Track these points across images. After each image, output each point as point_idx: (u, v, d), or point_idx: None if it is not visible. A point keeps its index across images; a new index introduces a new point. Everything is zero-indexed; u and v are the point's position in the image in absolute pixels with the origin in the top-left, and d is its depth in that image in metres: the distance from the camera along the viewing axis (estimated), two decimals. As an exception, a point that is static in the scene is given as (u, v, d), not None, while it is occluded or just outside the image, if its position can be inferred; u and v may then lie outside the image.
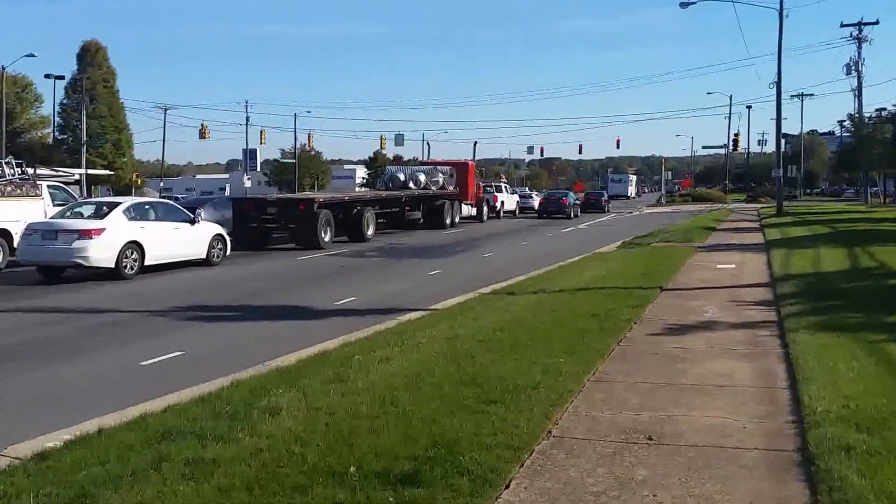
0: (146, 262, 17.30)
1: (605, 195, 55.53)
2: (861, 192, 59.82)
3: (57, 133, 61.86)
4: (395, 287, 15.33)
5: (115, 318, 11.87)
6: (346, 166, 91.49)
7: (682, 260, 17.17)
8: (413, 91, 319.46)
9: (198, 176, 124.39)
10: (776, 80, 40.68)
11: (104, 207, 17.97)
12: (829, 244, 19.80)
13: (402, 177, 32.63)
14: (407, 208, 30.75)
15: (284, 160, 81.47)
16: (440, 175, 33.52)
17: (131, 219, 17.60)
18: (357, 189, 57.51)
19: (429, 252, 22.76)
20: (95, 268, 16.50)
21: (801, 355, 7.80)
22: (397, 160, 74.35)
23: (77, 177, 31.67)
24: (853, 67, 47.35)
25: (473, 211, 37.50)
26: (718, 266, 16.10)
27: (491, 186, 43.41)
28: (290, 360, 8.76)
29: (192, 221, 18.95)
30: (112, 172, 49.57)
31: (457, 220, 34.30)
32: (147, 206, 18.92)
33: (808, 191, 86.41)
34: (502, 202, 42.89)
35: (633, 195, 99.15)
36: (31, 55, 46.75)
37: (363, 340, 9.55)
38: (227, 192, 75.37)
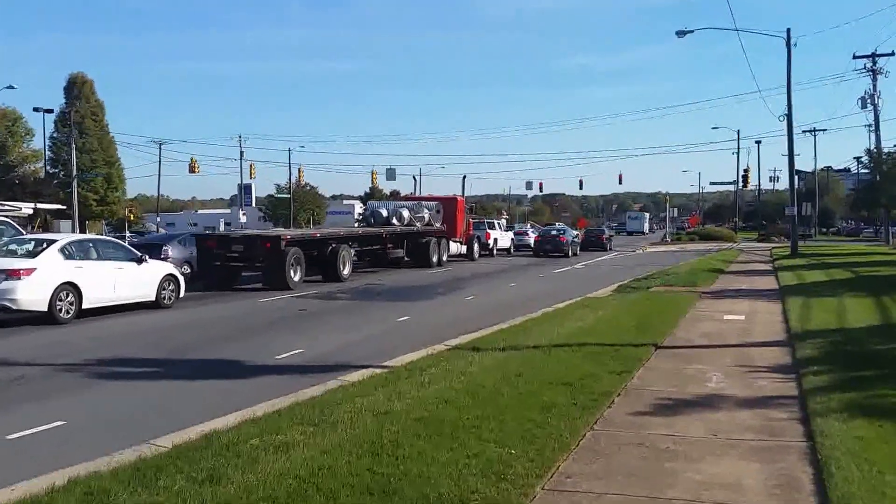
0: (84, 306, 15.65)
1: (607, 232, 53.34)
2: (881, 231, 57.72)
3: (48, 167, 60.59)
4: (353, 336, 13.32)
5: (22, 371, 10.50)
6: (345, 201, 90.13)
7: (684, 309, 15.10)
8: (409, 127, 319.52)
9: (200, 211, 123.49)
10: (786, 112, 38.72)
11: (40, 245, 16.18)
12: (852, 292, 17.60)
13: (384, 212, 30.71)
14: (389, 246, 28.81)
15: (280, 195, 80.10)
16: (425, 211, 31.60)
17: (68, 257, 15.86)
18: (355, 225, 55.73)
19: (405, 294, 20.77)
20: (26, 311, 15.00)
21: (834, 456, 5.75)
22: (394, 195, 72.73)
23: (29, 211, 29.90)
24: (868, 101, 45.41)
25: (463, 249, 35.49)
26: (725, 317, 14.02)
27: (483, 223, 41.42)
28: (173, 440, 6.94)
29: (140, 260, 17.22)
30: (64, 207, 48.38)
31: (444, 258, 32.29)
32: (88, 244, 17.14)
33: (824, 230, 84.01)
34: (495, 239, 40.81)
35: (647, 231, 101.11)
36: (11, 87, 45.60)
37: (274, 415, 7.58)
38: (221, 228, 73.98)
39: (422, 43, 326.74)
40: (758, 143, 78.85)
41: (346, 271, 24.43)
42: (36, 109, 53.99)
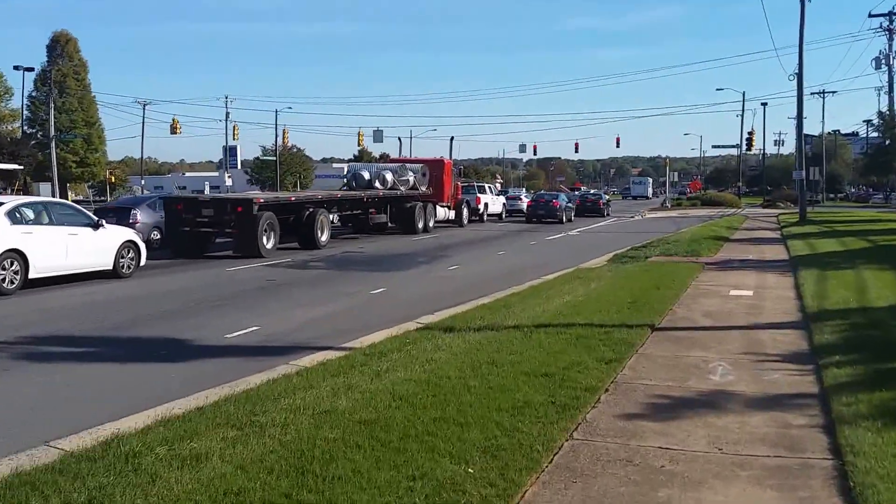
0: (31, 275, 14.34)
1: (604, 197, 51.81)
2: (892, 197, 56.21)
3: (26, 127, 58.53)
4: (318, 311, 12.06)
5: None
6: (335, 164, 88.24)
7: (685, 282, 13.82)
8: (400, 90, 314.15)
9: (188, 174, 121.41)
10: (797, 70, 37.07)
11: (-18, 210, 14.82)
12: (870, 264, 16.24)
13: (366, 175, 29.27)
14: (371, 211, 27.45)
15: (266, 157, 78.22)
16: (410, 174, 30.13)
17: (15, 222, 14.54)
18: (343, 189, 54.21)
19: (384, 263, 19.48)
20: (-36, 282, 13.74)
21: (869, 482, 4.54)
22: (384, 158, 70.85)
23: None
24: (883, 62, 43.74)
25: (451, 214, 34.07)
26: (731, 292, 12.74)
27: (473, 187, 39.96)
28: (75, 443, 5.74)
29: (96, 226, 15.87)
30: (21, 167, 46.79)
31: (431, 224, 30.91)
32: (40, 207, 15.75)
33: (831, 195, 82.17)
34: (486, 204, 39.37)
35: (651, 195, 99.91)
36: None
37: (195, 413, 6.36)
38: (207, 192, 72.26)
39: (419, 5, 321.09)
40: (764, 104, 78.05)
41: (324, 238, 23.12)
42: (16, 67, 52.14)
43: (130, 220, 21.62)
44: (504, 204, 43.24)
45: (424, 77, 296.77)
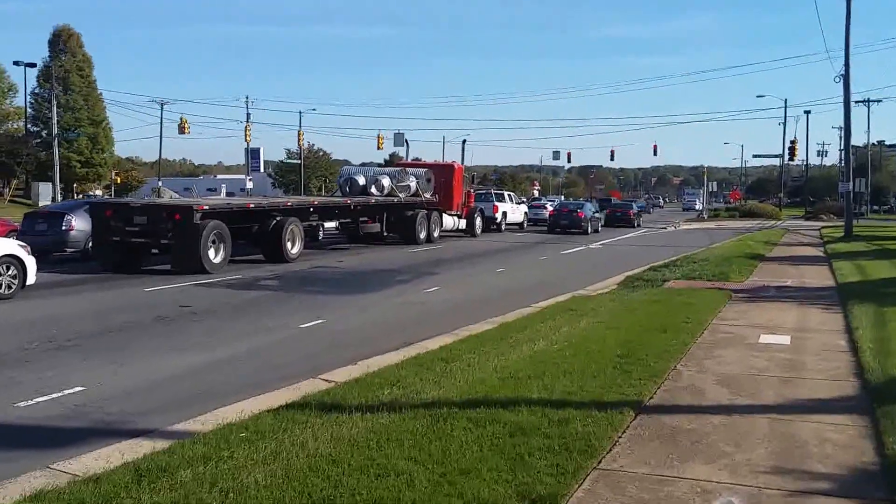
0: None
1: (635, 207, 48.01)
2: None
3: (30, 125, 56.03)
4: (202, 358, 8.97)
5: None
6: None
7: (702, 320, 10.50)
8: (431, 94, 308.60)
9: (220, 176, 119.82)
10: (843, 72, 33.30)
11: None
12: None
13: (361, 180, 26.27)
14: (362, 219, 24.39)
15: (290, 160, 75.94)
16: (412, 179, 27.00)
17: None
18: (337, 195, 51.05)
19: (352, 283, 16.43)
20: None
21: None
22: (416, 163, 67.71)
23: None
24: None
25: (461, 223, 30.85)
26: (761, 338, 9.41)
27: (491, 194, 36.70)
28: None
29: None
30: None
31: (435, 234, 27.75)
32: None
33: (875, 207, 77.48)
34: (504, 213, 36.02)
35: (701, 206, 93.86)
36: None
37: None
38: (223, 194, 69.84)
39: (450, 10, 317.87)
40: (807, 112, 72.80)
41: (295, 250, 20.13)
42: (16, 63, 49.91)
43: (64, 227, 18.86)
44: (525, 213, 39.82)
45: (454, 82, 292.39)
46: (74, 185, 56.43)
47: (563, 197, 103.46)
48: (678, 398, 6.64)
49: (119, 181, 60.39)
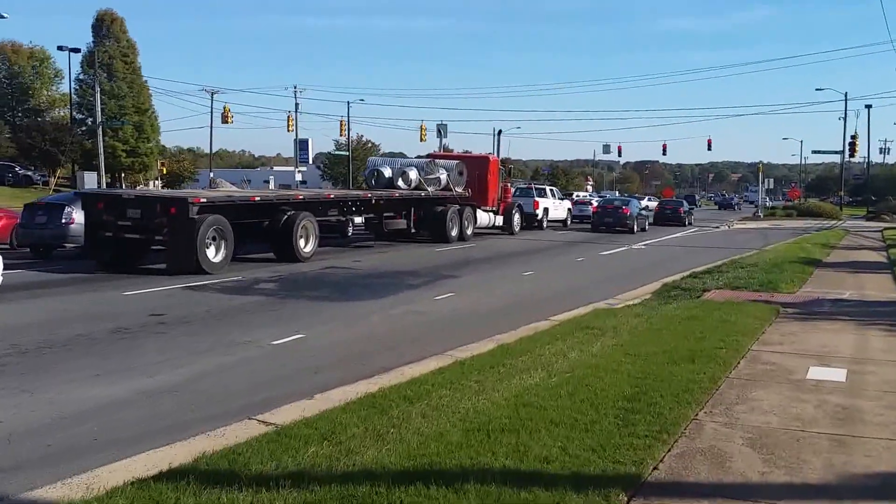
0: None
1: (686, 205, 45.66)
2: None
3: (76, 112, 55.69)
4: (123, 388, 7.51)
5: None
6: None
7: (740, 345, 8.81)
8: (484, 85, 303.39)
9: (276, 168, 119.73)
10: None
11: None
12: None
13: (387, 172, 24.86)
14: (387, 215, 22.98)
15: (338, 152, 75.08)
16: (442, 172, 25.47)
17: None
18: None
19: (360, 287, 15.05)
20: None
21: None
22: (447, 154, 65.89)
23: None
24: None
25: (498, 220, 29.23)
26: (810, 372, 7.70)
27: (532, 189, 34.96)
28: None
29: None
30: (11, 164, 44.29)
31: (468, 231, 26.21)
32: None
33: (938, 206, 73.23)
34: (545, 209, 34.26)
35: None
36: (2, 16, 40.05)
37: None
38: (272, 186, 69.17)
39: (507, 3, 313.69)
40: (868, 107, 69.31)
41: (309, 248, 18.83)
42: (60, 48, 49.28)
43: (64, 220, 17.78)
44: (569, 209, 37.95)
45: (507, 75, 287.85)
46: (122, 174, 56.09)
47: (616, 193, 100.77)
48: (691, 471, 5.04)
49: (165, 171, 59.88)
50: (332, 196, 20.89)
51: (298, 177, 71.61)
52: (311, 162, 78.22)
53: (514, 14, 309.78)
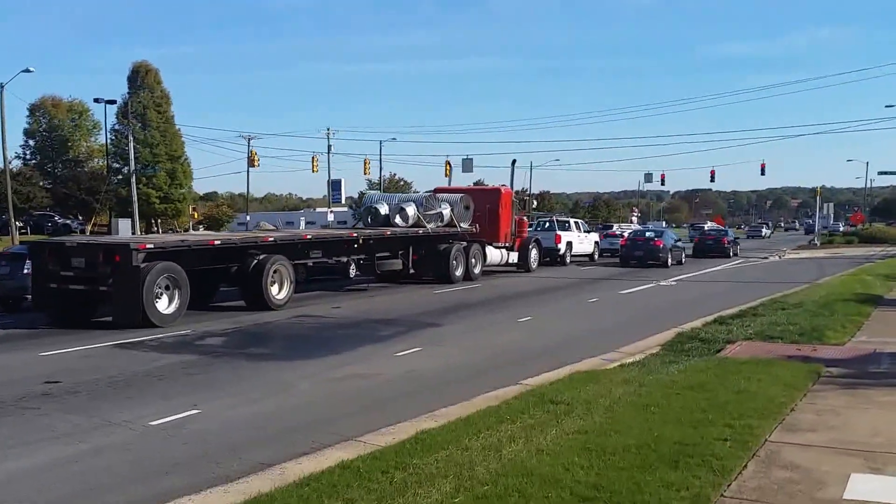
0: None
1: (730, 234, 42.31)
2: None
3: (112, 162, 56.80)
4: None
5: None
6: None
7: (753, 433, 6.24)
8: (518, 119, 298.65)
9: (318, 209, 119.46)
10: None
11: None
12: None
13: (382, 209, 22.66)
14: (380, 255, 20.73)
15: (371, 192, 73.71)
16: (445, 207, 23.14)
17: None
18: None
19: (317, 342, 12.79)
20: None
21: None
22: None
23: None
24: None
25: (513, 256, 26.67)
26: (848, 491, 5.09)
27: (553, 222, 32.35)
28: None
29: None
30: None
31: (476, 270, 23.76)
32: None
33: None
34: (569, 244, 31.51)
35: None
36: (28, 70, 40.98)
37: None
38: (302, 226, 67.87)
39: (551, 38, 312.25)
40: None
41: (282, 294, 16.69)
42: (97, 100, 50.12)
43: (25, 270, 16.19)
44: (597, 242, 35.09)
45: (539, 106, 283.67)
46: (158, 220, 56.67)
47: (664, 223, 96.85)
48: None
49: (196, 216, 59.98)
50: (309, 237, 18.71)
51: (331, 217, 70.24)
52: (342, 202, 76.93)
53: (546, 50, 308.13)
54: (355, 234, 19.97)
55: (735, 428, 6.33)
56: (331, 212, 71.82)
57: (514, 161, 40.48)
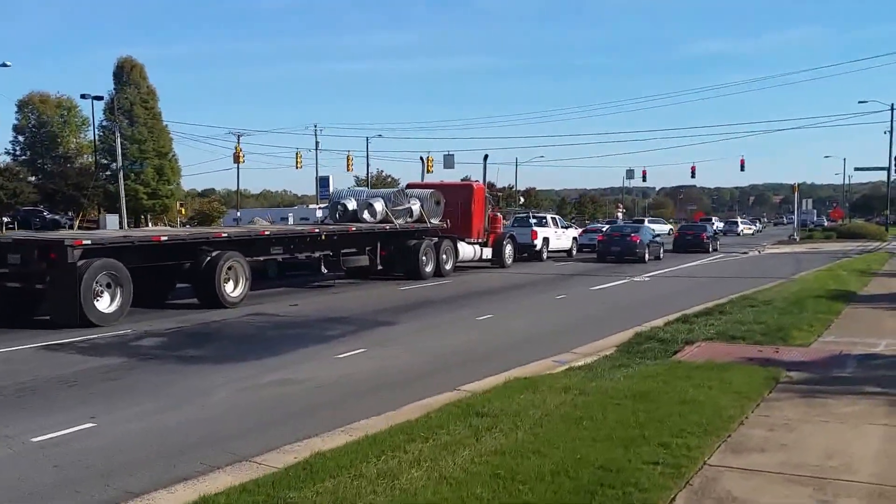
0: None
1: (709, 230, 41.76)
2: None
3: (100, 158, 56.34)
4: None
5: None
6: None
7: (689, 460, 5.59)
8: (501, 113, 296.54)
9: (312, 206, 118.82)
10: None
11: None
12: None
13: (350, 205, 22.09)
14: (346, 251, 20.01)
15: (357, 188, 73.18)
16: (415, 202, 22.49)
17: None
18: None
19: (259, 342, 12.12)
20: None
21: None
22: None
23: None
24: None
25: (486, 252, 26.00)
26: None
27: (528, 218, 31.70)
28: None
29: None
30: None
31: (448, 266, 23.10)
32: None
33: None
34: (545, 239, 30.83)
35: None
36: (5, 65, 40.30)
37: None
38: (290, 222, 66.96)
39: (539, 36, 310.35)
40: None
41: (237, 292, 16.02)
42: (84, 96, 49.54)
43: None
44: (575, 238, 34.50)
45: (532, 104, 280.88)
46: (147, 215, 56.31)
47: (646, 220, 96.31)
48: None
49: (184, 212, 59.54)
50: (266, 233, 17.98)
51: (319, 213, 69.61)
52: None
53: (531, 48, 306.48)
54: (317, 231, 19.29)
55: (671, 448, 5.66)
56: (319, 208, 71.14)
57: (486, 156, 40.36)
